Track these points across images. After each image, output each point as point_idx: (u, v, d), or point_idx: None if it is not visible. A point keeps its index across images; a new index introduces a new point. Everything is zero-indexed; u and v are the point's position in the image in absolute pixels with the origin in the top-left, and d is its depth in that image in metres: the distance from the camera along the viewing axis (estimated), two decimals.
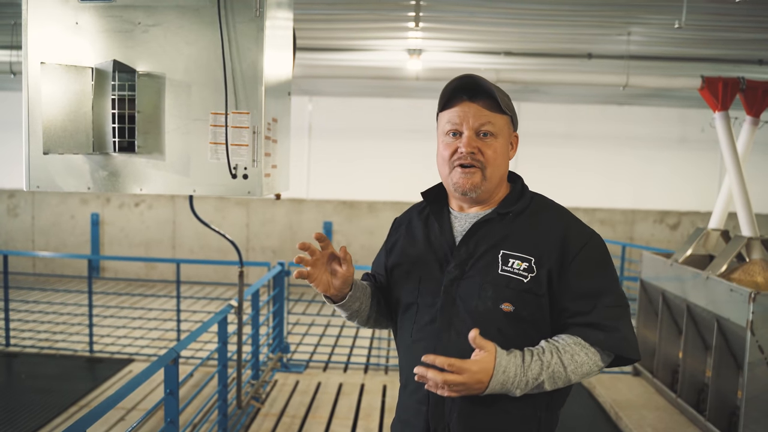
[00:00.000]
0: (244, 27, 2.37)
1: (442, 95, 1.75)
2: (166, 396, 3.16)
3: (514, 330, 1.65)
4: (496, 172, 1.72)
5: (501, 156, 1.72)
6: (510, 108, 1.75)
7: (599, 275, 1.69)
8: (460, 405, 1.67)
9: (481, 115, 1.70)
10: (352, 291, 1.78)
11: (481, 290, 1.66)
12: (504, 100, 1.72)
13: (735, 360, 4.48)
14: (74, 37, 2.39)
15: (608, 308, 1.65)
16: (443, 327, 1.70)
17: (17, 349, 6.41)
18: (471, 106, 1.71)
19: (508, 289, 1.64)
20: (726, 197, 5.55)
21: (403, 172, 9.98)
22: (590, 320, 1.64)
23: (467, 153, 1.69)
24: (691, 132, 10.10)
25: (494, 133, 1.70)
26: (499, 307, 1.64)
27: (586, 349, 1.63)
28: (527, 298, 1.64)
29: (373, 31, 5.73)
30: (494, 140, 1.70)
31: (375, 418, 5.03)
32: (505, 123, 1.73)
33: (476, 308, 1.66)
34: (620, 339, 1.64)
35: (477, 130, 1.70)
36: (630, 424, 4.82)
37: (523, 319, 1.65)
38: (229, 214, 10.33)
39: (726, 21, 4.93)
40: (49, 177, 2.44)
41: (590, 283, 1.66)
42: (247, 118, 2.38)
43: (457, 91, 1.73)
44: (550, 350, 1.60)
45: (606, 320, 1.63)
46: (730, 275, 4.73)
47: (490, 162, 1.70)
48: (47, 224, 10.52)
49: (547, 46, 6.12)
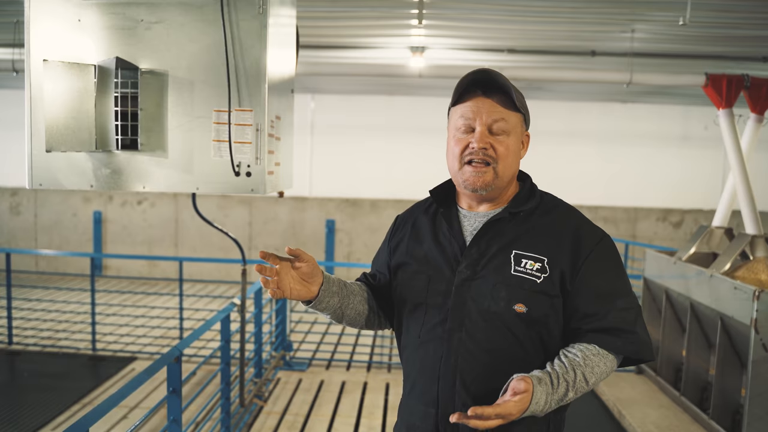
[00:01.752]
0: (247, 24, 2.36)
1: (457, 89, 1.70)
2: (169, 394, 3.16)
3: (525, 331, 1.62)
4: (508, 170, 1.68)
5: (513, 154, 1.68)
6: (524, 106, 1.71)
7: (612, 276, 1.67)
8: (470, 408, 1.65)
9: (494, 111, 1.65)
10: (324, 286, 1.71)
11: (494, 291, 1.63)
12: (519, 98, 1.68)
13: (739, 358, 4.47)
14: (76, 34, 2.38)
15: (622, 311, 1.63)
16: (454, 328, 1.66)
17: (20, 347, 6.42)
18: (485, 101, 1.66)
19: (522, 290, 1.62)
20: (730, 195, 5.54)
21: (406, 170, 9.97)
22: (605, 325, 1.62)
23: (479, 149, 1.65)
24: (695, 129, 10.08)
25: (507, 130, 1.66)
26: (512, 308, 1.62)
27: (605, 359, 1.62)
28: (540, 299, 1.62)
29: (376, 28, 5.72)
30: (507, 137, 1.66)
31: (378, 417, 5.03)
32: (518, 121, 1.70)
33: (488, 309, 1.63)
34: (637, 343, 1.62)
35: (490, 126, 1.65)
36: (633, 422, 4.81)
37: (535, 321, 1.62)
38: (232, 212, 10.33)
39: (730, 18, 4.91)
40: (51, 175, 2.43)
41: (603, 285, 1.64)
42: (250, 115, 2.37)
43: (472, 86, 1.69)
44: (572, 367, 1.58)
45: (621, 324, 1.62)
46: (734, 273, 4.71)
47: (501, 159, 1.66)
48: (50, 222, 10.53)
49: (550, 43, 6.10)
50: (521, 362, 1.62)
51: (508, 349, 1.62)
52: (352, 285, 1.83)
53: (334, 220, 10.36)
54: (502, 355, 1.62)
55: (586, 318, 1.63)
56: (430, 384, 1.65)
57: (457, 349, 1.62)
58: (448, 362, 1.64)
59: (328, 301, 1.74)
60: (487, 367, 1.62)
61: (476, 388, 1.63)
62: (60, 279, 9.93)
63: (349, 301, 1.79)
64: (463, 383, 1.63)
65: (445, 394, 1.65)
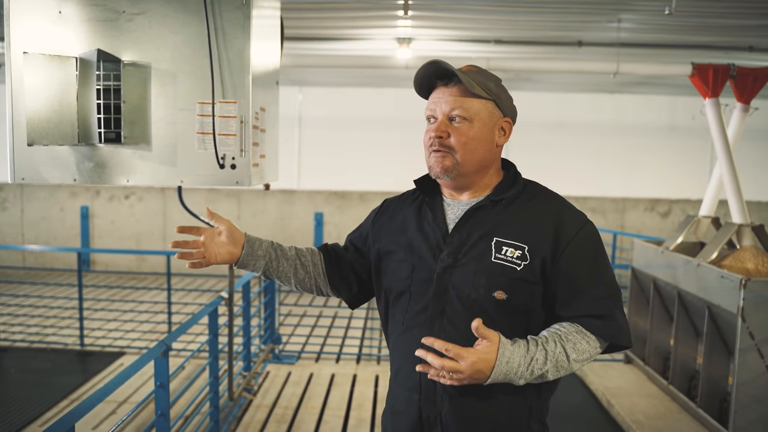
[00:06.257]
0: (230, 15, 2.33)
1: (414, 84, 1.77)
2: (157, 389, 3.15)
3: (506, 318, 1.65)
4: (470, 156, 1.69)
5: (475, 140, 1.69)
6: (492, 91, 1.71)
7: (592, 263, 1.68)
8: (452, 393, 1.67)
9: (451, 100, 1.69)
10: (247, 249, 1.84)
11: (474, 278, 1.65)
12: (483, 84, 1.69)
13: (726, 346, 4.50)
14: (57, 26, 2.35)
15: (602, 298, 1.65)
16: (436, 315, 1.69)
17: (7, 343, 6.37)
18: (444, 91, 1.72)
19: (502, 277, 1.64)
20: (716, 184, 5.56)
21: (395, 161, 9.95)
22: (583, 312, 1.64)
23: (435, 137, 1.69)
24: (682, 119, 10.12)
25: (467, 117, 1.68)
26: (491, 295, 1.64)
27: (587, 337, 1.63)
28: (520, 286, 1.64)
29: (362, 19, 5.69)
30: (467, 124, 1.68)
31: (367, 408, 5.03)
32: (482, 107, 1.70)
33: (469, 296, 1.65)
34: (616, 327, 1.65)
35: (448, 115, 1.69)
36: (622, 412, 4.84)
37: (515, 308, 1.65)
38: (221, 206, 10.28)
39: (716, 7, 4.92)
40: (34, 169, 2.40)
41: (583, 271, 1.66)
42: (234, 107, 2.35)
43: (431, 78, 1.74)
44: (553, 339, 1.60)
45: (599, 311, 1.64)
46: (721, 262, 4.74)
47: (460, 146, 1.68)
48: (36, 217, 10.45)
49: (537, 33, 6.09)
50: None
51: None
52: (288, 250, 1.92)
53: (322, 213, 10.34)
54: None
55: (564, 305, 1.65)
56: (413, 370, 1.67)
57: (438, 336, 1.63)
58: (430, 349, 1.65)
59: (254, 264, 1.86)
60: None
61: None
62: (47, 274, 9.86)
63: (278, 264, 1.89)
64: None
65: (427, 381, 1.68)
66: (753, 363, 4.11)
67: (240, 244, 1.83)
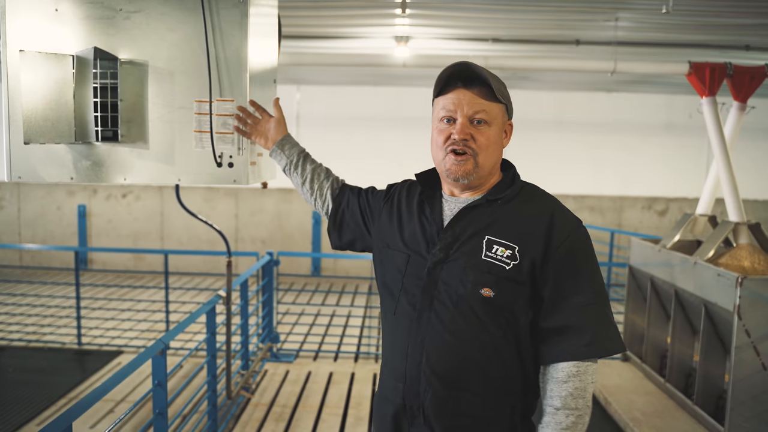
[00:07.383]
0: (227, 13, 2.33)
1: (438, 82, 1.76)
2: (155, 387, 3.15)
3: (491, 316, 1.68)
4: (488, 159, 1.74)
5: (494, 144, 1.74)
6: (505, 96, 1.76)
7: (580, 269, 1.70)
8: (435, 386, 1.71)
9: (475, 103, 1.71)
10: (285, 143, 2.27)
11: (463, 274, 1.69)
12: (500, 89, 1.73)
13: (722, 344, 4.51)
14: (54, 24, 2.34)
15: (588, 306, 1.67)
16: (424, 307, 1.73)
17: (4, 342, 6.36)
18: (466, 93, 1.72)
19: (489, 275, 1.67)
20: (713, 183, 5.57)
21: (392, 159, 9.93)
22: (561, 322, 1.66)
23: (460, 139, 1.70)
24: (679, 118, 10.12)
25: (488, 121, 1.71)
26: (478, 292, 1.67)
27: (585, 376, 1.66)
28: (508, 285, 1.66)
29: (359, 18, 5.68)
30: (488, 128, 1.72)
31: (365, 407, 5.04)
32: (499, 111, 1.74)
33: (456, 291, 1.69)
34: (607, 340, 1.67)
35: (471, 118, 1.71)
36: (619, 409, 4.85)
37: (501, 306, 1.67)
38: (218, 205, 10.27)
39: (713, 6, 4.92)
40: (30, 167, 2.40)
41: (570, 276, 1.68)
42: (231, 105, 2.35)
43: (453, 78, 1.74)
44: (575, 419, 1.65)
45: (588, 321, 1.66)
46: (718, 260, 4.75)
47: (482, 149, 1.71)
48: (33, 216, 10.43)
49: (535, 32, 6.09)
50: (486, 345, 1.68)
51: (472, 331, 1.68)
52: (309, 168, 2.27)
53: None
54: (466, 337, 1.68)
55: (548, 315, 1.68)
56: (400, 360, 1.74)
57: (425, 329, 1.70)
58: (416, 340, 1.72)
59: (278, 159, 2.28)
60: (451, 347, 1.69)
61: (440, 367, 1.70)
62: (44, 273, 9.84)
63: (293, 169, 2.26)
64: (428, 361, 1.71)
65: (412, 371, 1.73)
66: (749, 360, 4.12)
67: (275, 140, 2.27)
